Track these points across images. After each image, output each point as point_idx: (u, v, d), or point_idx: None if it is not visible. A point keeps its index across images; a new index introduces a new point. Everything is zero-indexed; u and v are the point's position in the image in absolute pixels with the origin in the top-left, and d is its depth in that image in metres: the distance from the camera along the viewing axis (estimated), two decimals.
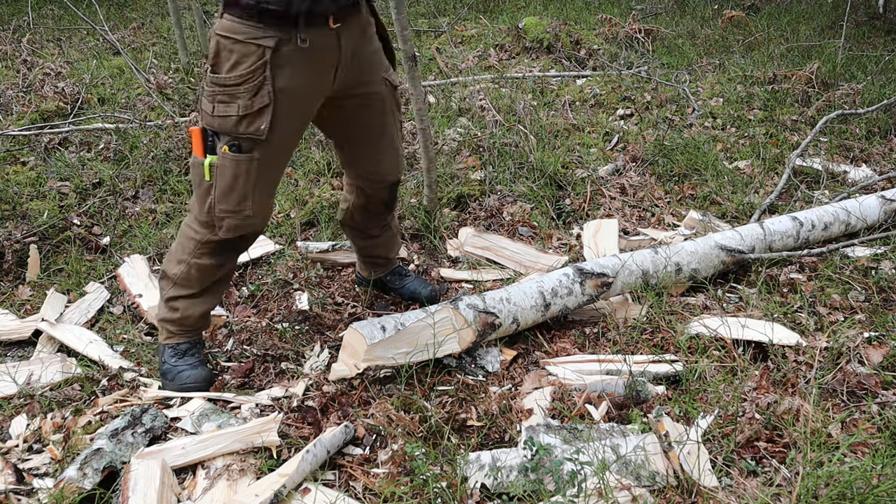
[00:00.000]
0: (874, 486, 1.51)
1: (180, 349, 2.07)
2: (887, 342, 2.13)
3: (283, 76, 1.73)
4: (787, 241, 2.70)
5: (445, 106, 4.28)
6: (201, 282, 2.01)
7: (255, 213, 1.87)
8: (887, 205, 2.93)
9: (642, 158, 3.69)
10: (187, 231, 1.97)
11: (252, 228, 1.91)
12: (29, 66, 4.76)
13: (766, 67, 5.08)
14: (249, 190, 1.83)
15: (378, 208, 2.28)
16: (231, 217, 1.86)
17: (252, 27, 1.68)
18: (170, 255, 2.03)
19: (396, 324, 2.02)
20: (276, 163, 1.87)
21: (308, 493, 1.64)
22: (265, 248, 2.82)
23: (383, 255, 2.45)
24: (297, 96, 1.78)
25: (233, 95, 1.73)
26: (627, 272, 2.37)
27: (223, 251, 1.96)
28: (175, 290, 2.02)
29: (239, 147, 1.77)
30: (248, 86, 1.71)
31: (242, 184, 1.81)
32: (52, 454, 1.80)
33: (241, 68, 1.70)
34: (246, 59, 1.69)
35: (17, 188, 3.13)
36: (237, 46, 1.69)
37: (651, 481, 1.62)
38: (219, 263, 1.98)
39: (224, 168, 1.79)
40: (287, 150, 1.89)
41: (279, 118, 1.76)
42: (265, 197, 1.88)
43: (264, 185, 1.86)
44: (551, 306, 2.24)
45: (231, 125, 1.76)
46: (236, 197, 1.83)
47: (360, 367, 1.97)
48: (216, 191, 1.83)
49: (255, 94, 1.72)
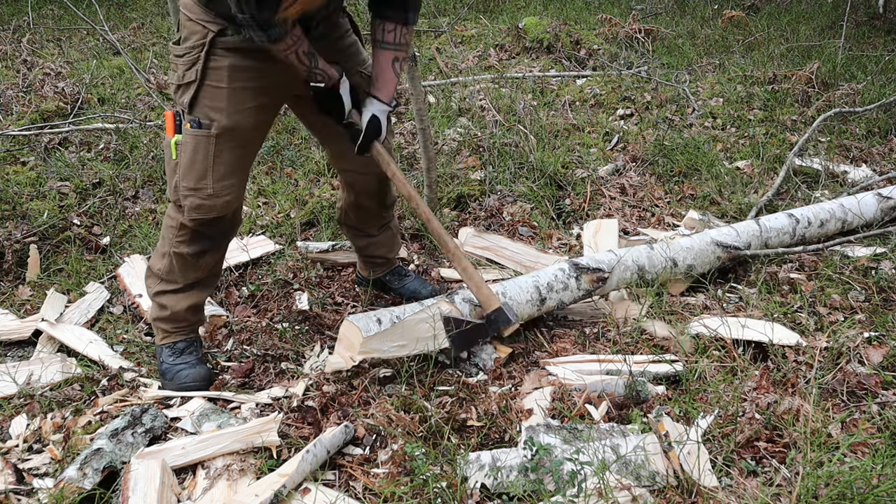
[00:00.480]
0: (874, 486, 1.51)
1: (178, 348, 2.08)
2: (887, 342, 2.13)
3: (223, 58, 1.82)
4: (784, 238, 2.70)
5: (445, 106, 4.28)
6: (184, 275, 2.04)
7: (216, 192, 1.90)
8: (884, 202, 2.94)
9: (642, 158, 3.69)
10: (166, 220, 2.02)
11: (214, 212, 1.93)
12: (29, 66, 4.76)
13: (766, 67, 5.08)
14: (209, 167, 1.88)
15: (370, 203, 2.29)
16: (192, 195, 1.90)
17: (203, 9, 1.80)
18: (154, 252, 2.10)
19: (392, 317, 2.03)
20: (235, 144, 1.90)
21: (308, 493, 1.64)
22: (265, 248, 2.82)
23: (383, 254, 2.45)
24: (243, 78, 1.85)
25: (176, 65, 1.87)
26: (623, 267, 2.37)
27: (198, 239, 1.99)
28: (160, 286, 2.06)
29: (199, 123, 1.86)
30: (186, 59, 1.84)
31: (202, 159, 1.88)
32: (52, 454, 1.80)
33: (187, 44, 1.84)
34: (192, 36, 1.83)
35: (17, 188, 3.12)
36: (189, 23, 1.83)
37: (651, 481, 1.62)
38: (196, 252, 2.01)
39: (186, 144, 1.88)
40: (245, 131, 1.91)
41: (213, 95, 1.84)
42: (226, 177, 1.91)
43: (224, 165, 1.90)
44: (547, 301, 2.24)
45: (172, 91, 1.91)
46: (196, 173, 1.88)
47: (355, 359, 1.97)
48: (180, 168, 1.90)
49: (188, 69, 1.84)
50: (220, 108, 1.85)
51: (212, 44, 1.80)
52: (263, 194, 3.35)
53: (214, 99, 1.84)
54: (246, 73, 1.85)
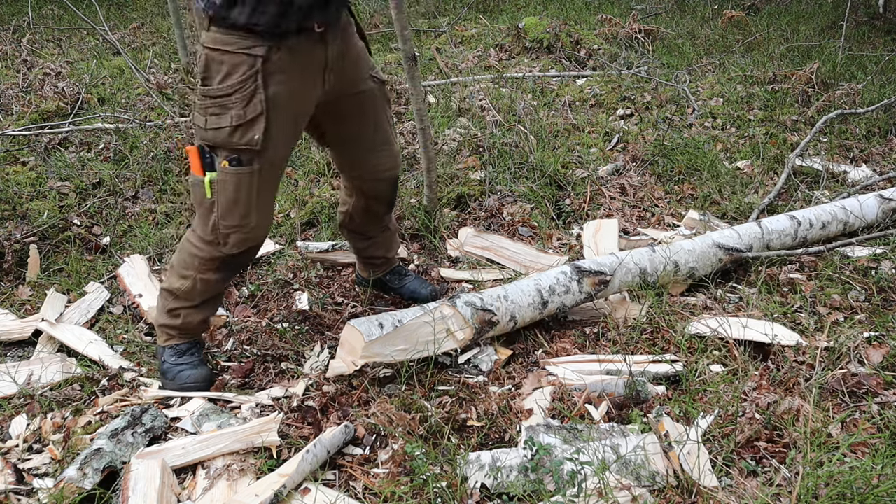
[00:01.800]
0: (874, 486, 1.51)
1: (180, 349, 2.07)
2: (887, 342, 2.13)
3: (273, 83, 1.72)
4: (785, 240, 2.70)
5: (445, 106, 4.28)
6: (204, 294, 2.01)
7: (259, 223, 1.87)
8: (885, 204, 2.94)
9: (642, 158, 3.69)
10: (190, 248, 1.95)
11: (257, 240, 1.92)
12: (29, 66, 4.76)
13: (766, 67, 5.08)
14: (253, 202, 1.83)
15: (380, 208, 2.28)
16: (236, 232, 1.86)
17: (241, 37, 1.68)
18: (172, 269, 2.02)
19: (394, 321, 2.03)
20: (275, 172, 1.87)
21: (308, 493, 1.64)
22: (265, 248, 2.82)
23: (382, 254, 2.45)
24: (290, 102, 1.78)
25: (224, 106, 1.72)
26: (625, 270, 2.37)
27: (229, 267, 1.97)
28: (177, 303, 2.02)
29: (239, 160, 1.76)
30: (240, 95, 1.71)
31: (245, 197, 1.81)
32: (52, 454, 1.80)
33: (233, 78, 1.69)
34: (237, 70, 1.69)
35: (17, 188, 3.12)
36: (227, 57, 1.69)
37: (651, 481, 1.62)
38: (224, 278, 2.00)
39: (225, 183, 1.79)
40: (284, 157, 1.89)
41: (273, 126, 1.75)
42: (268, 206, 1.89)
43: (266, 195, 1.86)
44: (549, 304, 2.24)
45: (225, 136, 1.74)
46: (240, 211, 1.82)
47: (357, 363, 1.97)
48: (219, 207, 1.82)
49: (247, 104, 1.71)
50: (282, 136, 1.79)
51: (264, 70, 1.69)
52: None
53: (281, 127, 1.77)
54: (285, 98, 1.76)
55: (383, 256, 2.46)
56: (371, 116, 2.05)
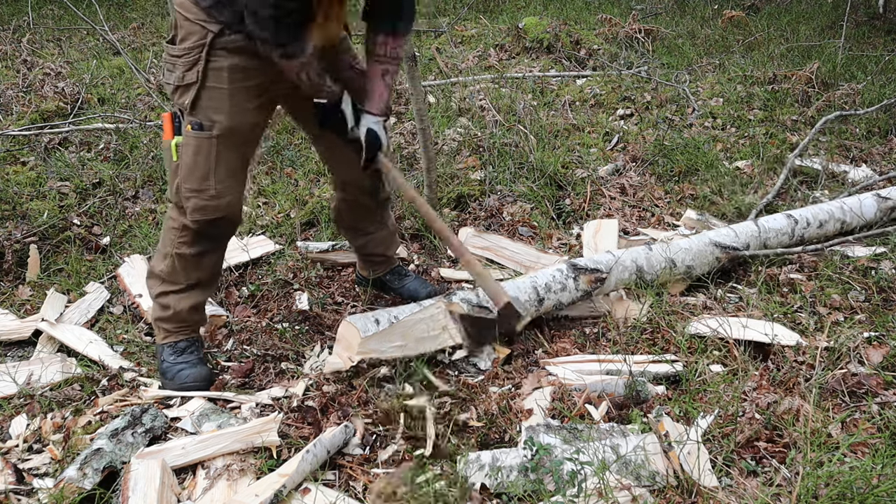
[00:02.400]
0: (874, 486, 1.51)
1: (178, 347, 2.08)
2: (887, 342, 2.13)
3: (218, 58, 1.82)
4: (783, 239, 2.70)
5: (445, 106, 4.28)
6: (186, 275, 2.04)
7: (219, 193, 1.92)
8: (883, 203, 2.93)
9: (642, 158, 3.69)
10: (167, 222, 2.04)
11: (218, 212, 1.94)
12: (29, 66, 4.76)
13: (766, 67, 5.07)
14: (211, 168, 1.90)
15: (366, 200, 2.29)
16: (195, 196, 1.91)
17: (202, 10, 1.80)
18: (155, 253, 2.10)
19: (390, 317, 2.03)
20: (235, 144, 1.92)
21: (308, 493, 1.64)
22: (265, 248, 2.82)
23: (381, 252, 2.45)
24: (242, 79, 1.85)
25: (174, 66, 1.86)
26: (621, 268, 2.37)
27: (200, 239, 2.00)
28: (162, 286, 2.07)
29: (200, 125, 1.87)
30: (185, 60, 1.84)
31: (203, 161, 1.89)
32: (52, 454, 1.80)
33: (186, 43, 1.83)
34: (190, 37, 1.82)
35: (17, 188, 3.13)
36: (186, 23, 1.82)
37: (651, 481, 1.62)
38: (198, 253, 2.02)
39: (187, 146, 1.89)
40: (244, 131, 1.93)
41: (205, 97, 1.84)
42: (227, 178, 1.93)
43: (227, 166, 1.92)
44: (545, 301, 2.25)
45: (170, 92, 1.91)
46: (199, 174, 1.90)
47: (354, 359, 1.97)
48: (181, 170, 1.92)
49: (187, 69, 1.84)
50: (222, 109, 1.86)
51: (212, 44, 1.81)
52: (263, 194, 3.35)
53: (215, 100, 1.85)
54: (245, 73, 1.85)
55: (383, 254, 2.46)
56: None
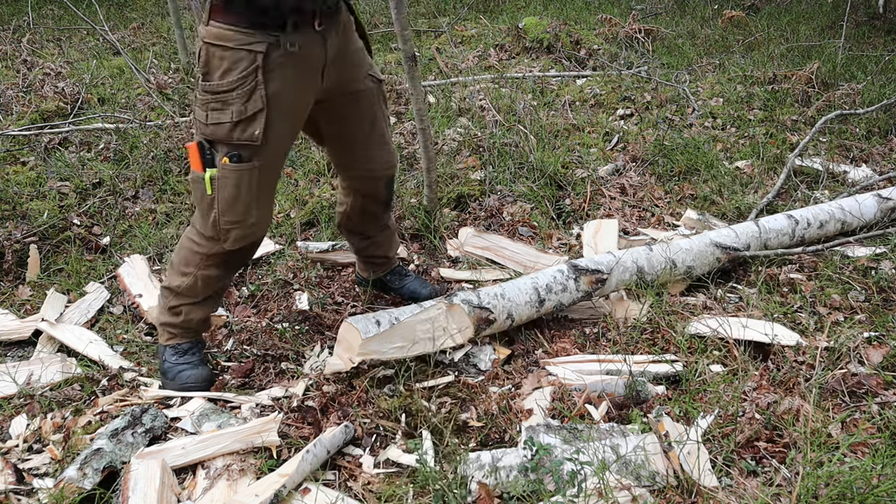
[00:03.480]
0: (874, 486, 1.51)
1: (181, 349, 2.07)
2: (887, 342, 2.13)
3: (274, 80, 1.74)
4: (783, 240, 2.70)
5: (445, 106, 4.28)
6: (206, 291, 2.03)
7: (260, 220, 1.89)
8: (883, 203, 2.93)
9: (642, 158, 3.69)
10: (190, 245, 1.97)
11: (257, 236, 1.93)
12: (29, 66, 4.76)
13: (766, 67, 5.07)
14: (253, 198, 1.84)
15: (377, 208, 2.28)
16: (237, 228, 1.86)
17: (241, 33, 1.69)
18: (172, 267, 2.03)
19: (391, 318, 2.03)
20: (274, 168, 1.89)
21: (308, 493, 1.64)
22: (265, 248, 2.82)
23: (382, 254, 2.45)
24: (289, 99, 1.79)
25: (225, 102, 1.73)
26: (622, 269, 2.37)
27: (230, 262, 1.99)
28: (178, 300, 2.03)
29: (240, 157, 1.78)
30: (241, 91, 1.72)
31: (245, 193, 1.82)
32: (52, 454, 1.80)
33: (233, 74, 1.71)
34: (237, 65, 1.70)
35: (17, 188, 3.12)
36: (228, 53, 1.70)
37: (651, 481, 1.62)
38: (225, 274, 2.02)
39: (225, 180, 1.80)
40: (283, 154, 1.91)
41: (273, 122, 1.77)
42: (268, 203, 1.91)
43: (266, 192, 1.88)
44: (546, 302, 2.25)
45: (226, 132, 1.76)
46: (241, 207, 1.83)
47: (354, 361, 1.97)
48: (219, 203, 1.83)
49: (247, 100, 1.73)
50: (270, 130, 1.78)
51: (265, 66, 1.71)
52: None
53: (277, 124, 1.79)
54: (285, 94, 1.77)
55: (384, 256, 2.46)
56: (368, 115, 2.06)
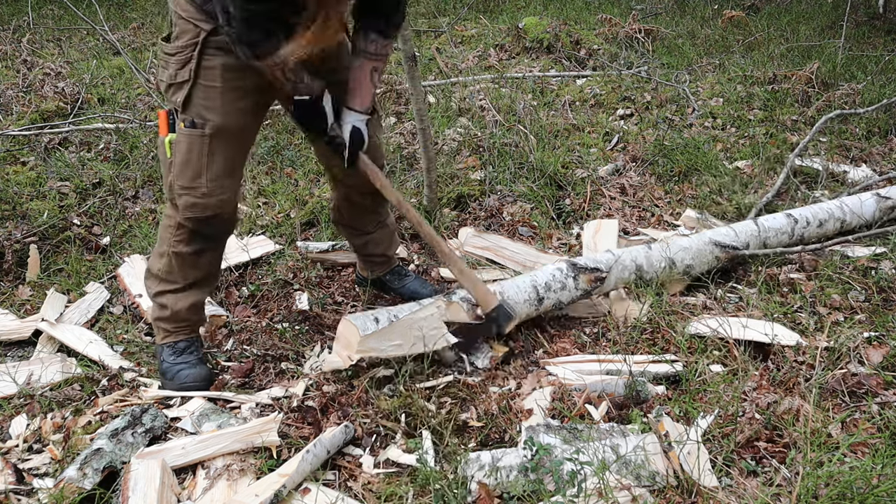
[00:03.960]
0: (874, 486, 1.51)
1: (178, 347, 2.08)
2: (887, 342, 2.13)
3: (214, 57, 1.83)
4: (782, 238, 2.70)
5: (445, 106, 4.28)
6: (184, 274, 2.04)
7: (210, 191, 1.92)
8: (883, 202, 2.93)
9: (642, 158, 3.69)
10: (164, 220, 2.04)
11: (209, 210, 1.94)
12: (29, 66, 4.76)
13: (766, 67, 5.07)
14: (203, 166, 1.90)
15: (363, 199, 2.28)
16: (187, 193, 1.92)
17: (195, 8, 1.81)
18: (153, 252, 2.10)
19: (390, 316, 2.03)
20: (228, 141, 1.92)
21: (308, 493, 1.64)
22: (265, 248, 2.82)
23: (381, 252, 2.45)
24: (235, 77, 1.86)
25: (167, 63, 1.87)
26: (621, 267, 2.37)
27: (195, 238, 2.00)
28: (160, 286, 2.07)
29: (193, 123, 1.87)
30: (179, 58, 1.84)
31: (196, 159, 1.89)
32: (52, 454, 1.80)
33: (179, 42, 1.84)
34: (184, 35, 1.83)
35: (17, 188, 3.12)
36: (181, 22, 1.83)
37: (651, 481, 1.62)
38: (195, 251, 2.02)
39: (180, 143, 1.89)
40: (236, 130, 1.93)
41: (197, 95, 1.85)
42: (219, 176, 1.93)
43: (218, 164, 1.91)
44: (545, 300, 2.25)
45: (164, 89, 1.91)
46: (191, 172, 1.90)
47: (353, 358, 1.97)
48: (175, 167, 1.91)
49: (180, 68, 1.85)
50: (214, 107, 1.86)
51: (205, 43, 1.81)
52: (263, 194, 3.35)
53: (208, 98, 1.86)
54: (238, 72, 1.85)
55: (383, 254, 2.46)
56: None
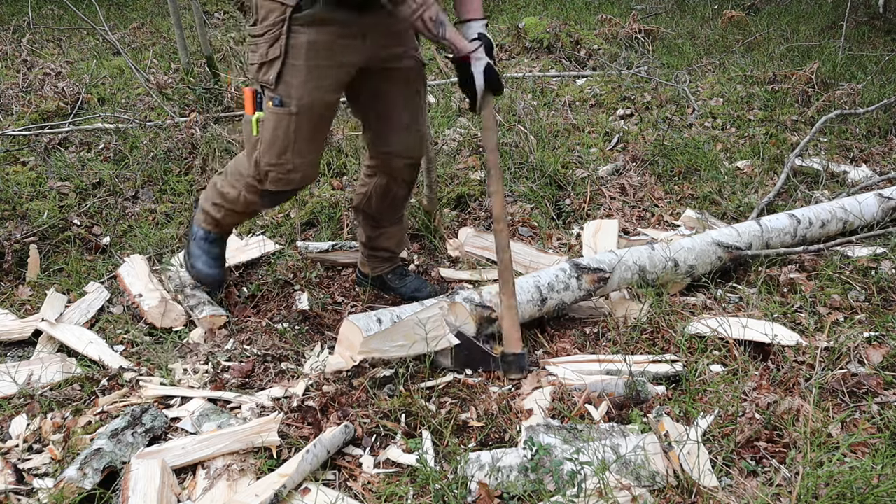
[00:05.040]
0: (874, 486, 1.51)
1: (211, 237, 2.37)
2: (887, 342, 2.13)
3: (300, 34, 1.90)
4: (785, 239, 2.70)
5: (445, 106, 4.28)
6: (245, 209, 2.28)
7: (296, 167, 2.05)
8: (885, 203, 2.94)
9: (642, 158, 3.69)
10: (241, 168, 2.17)
11: (293, 185, 2.10)
12: (29, 66, 4.76)
13: (766, 67, 5.08)
14: (290, 143, 2.01)
15: (401, 190, 2.32)
16: (274, 170, 2.05)
17: None
18: (226, 174, 2.26)
19: (392, 316, 2.03)
20: (313, 119, 2.01)
21: (308, 493, 1.64)
22: (265, 249, 2.81)
23: (390, 247, 2.46)
24: (320, 56, 1.93)
25: (257, 45, 1.96)
26: (624, 268, 2.37)
27: (269, 198, 2.18)
28: (222, 201, 2.28)
29: (281, 101, 1.96)
30: (268, 37, 1.92)
31: (283, 137, 2.00)
32: (52, 454, 1.80)
33: (266, 22, 1.92)
34: (270, 15, 1.91)
35: (17, 188, 3.12)
36: (265, 3, 1.91)
37: (651, 481, 1.62)
38: (263, 205, 2.24)
39: (268, 122, 2.00)
40: (321, 108, 2.01)
41: (288, 71, 1.93)
42: (305, 152, 2.04)
43: (304, 141, 2.02)
44: (548, 301, 2.24)
45: (254, 72, 2.00)
46: (277, 149, 2.02)
47: (356, 359, 1.97)
48: (261, 144, 2.03)
49: (270, 46, 1.93)
50: (300, 84, 1.94)
51: (291, 20, 1.88)
52: None
53: (296, 76, 1.93)
54: (321, 49, 1.92)
55: (390, 251, 2.47)
56: (406, 93, 2.13)
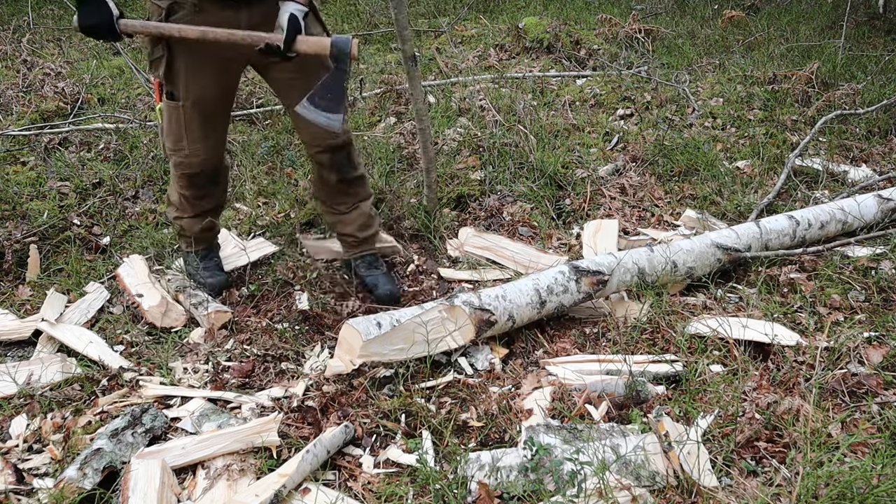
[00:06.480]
0: (874, 486, 1.51)
1: (200, 254, 2.55)
2: (887, 342, 2.13)
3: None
4: (784, 240, 2.70)
5: (445, 106, 4.28)
6: (193, 208, 2.42)
7: (192, 153, 2.24)
8: (884, 204, 2.93)
9: (642, 158, 3.69)
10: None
11: (193, 168, 2.27)
12: (29, 66, 4.76)
13: (766, 67, 5.07)
14: (182, 132, 2.20)
15: (330, 176, 2.40)
16: (173, 154, 2.26)
17: None
18: (169, 187, 2.46)
19: (392, 320, 2.03)
20: (203, 111, 2.17)
21: (308, 493, 1.64)
22: (265, 250, 2.82)
23: (351, 233, 2.54)
24: (196, 54, 2.06)
25: (148, 43, 2.10)
26: (623, 270, 2.37)
27: (193, 184, 2.34)
28: (177, 213, 2.46)
29: (171, 95, 2.14)
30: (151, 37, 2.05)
31: (176, 127, 2.19)
32: (52, 454, 1.80)
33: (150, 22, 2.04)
34: (152, 16, 2.04)
35: (17, 188, 3.12)
36: (148, 4, 2.06)
37: (651, 481, 1.62)
38: (198, 195, 2.38)
39: (165, 112, 2.19)
40: (207, 103, 2.16)
41: (175, 67, 2.08)
42: (198, 141, 2.22)
43: (196, 130, 2.19)
44: (547, 303, 2.24)
45: (149, 68, 2.15)
46: (173, 136, 2.22)
47: (356, 362, 1.97)
48: (163, 131, 2.24)
49: (155, 45, 2.08)
50: (185, 81, 2.09)
51: (167, 20, 1.99)
52: (263, 194, 3.35)
53: (178, 73, 2.09)
54: (196, 48, 2.02)
55: (354, 236, 2.55)
56: (302, 84, 2.10)
